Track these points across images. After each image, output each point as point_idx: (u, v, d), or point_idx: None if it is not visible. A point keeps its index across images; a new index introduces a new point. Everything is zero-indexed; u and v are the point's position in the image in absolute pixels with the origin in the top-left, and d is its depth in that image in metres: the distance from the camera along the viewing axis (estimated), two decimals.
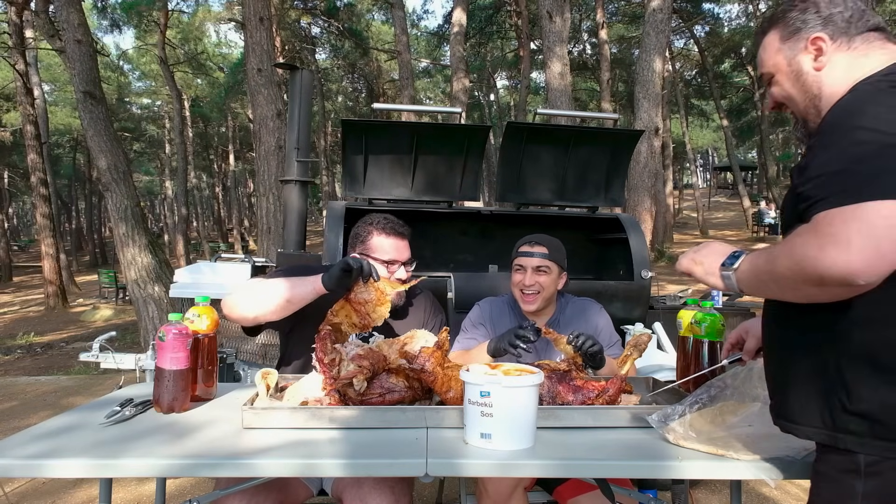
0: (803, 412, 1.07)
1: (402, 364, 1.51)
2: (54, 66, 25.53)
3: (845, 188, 0.90)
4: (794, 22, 1.14)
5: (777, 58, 1.17)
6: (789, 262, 0.97)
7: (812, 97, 1.12)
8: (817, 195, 0.94)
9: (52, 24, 11.16)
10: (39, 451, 1.25)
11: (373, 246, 1.93)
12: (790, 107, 1.18)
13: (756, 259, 1.08)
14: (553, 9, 9.72)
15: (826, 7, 1.12)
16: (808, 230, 0.94)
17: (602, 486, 1.49)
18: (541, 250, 2.04)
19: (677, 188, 31.95)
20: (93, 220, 35.10)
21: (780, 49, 1.16)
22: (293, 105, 4.11)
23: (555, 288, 2.08)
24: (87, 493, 3.16)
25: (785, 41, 1.15)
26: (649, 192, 10.60)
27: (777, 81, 1.18)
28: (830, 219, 0.91)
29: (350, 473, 1.43)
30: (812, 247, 0.92)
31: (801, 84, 1.14)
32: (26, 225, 48.32)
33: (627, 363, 1.64)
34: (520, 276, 2.06)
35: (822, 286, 0.94)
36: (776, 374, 1.16)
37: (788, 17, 1.15)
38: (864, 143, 0.92)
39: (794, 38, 1.14)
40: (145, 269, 7.17)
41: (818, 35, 1.11)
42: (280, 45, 18.93)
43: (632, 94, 13.32)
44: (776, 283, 1.02)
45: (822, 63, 1.11)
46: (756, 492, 3.04)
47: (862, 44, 1.09)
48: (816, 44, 1.11)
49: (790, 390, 1.10)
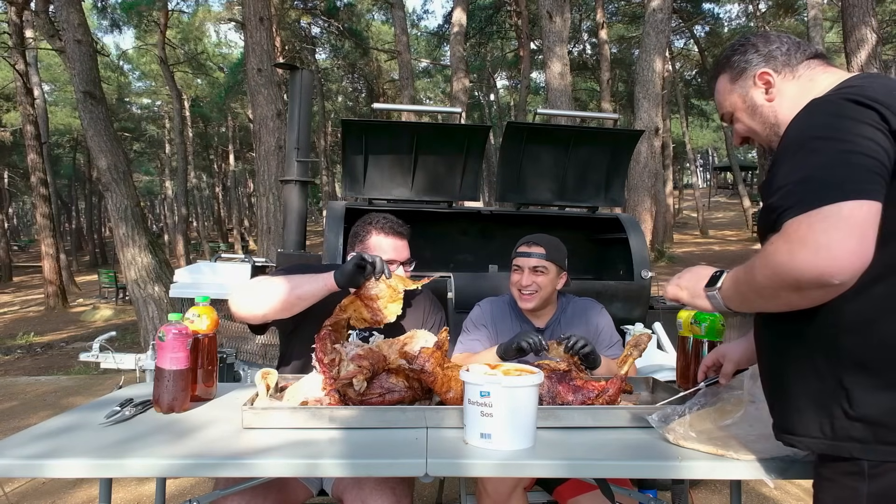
0: (802, 424, 1.07)
1: (402, 364, 1.51)
2: (54, 66, 25.54)
3: (807, 194, 0.95)
4: (738, 64, 1.24)
5: (732, 98, 1.26)
6: (766, 272, 0.99)
7: (771, 125, 1.21)
8: (783, 204, 0.98)
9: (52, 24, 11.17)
10: (39, 451, 1.25)
11: (371, 245, 1.93)
12: (755, 139, 1.27)
13: (736, 274, 1.11)
14: (553, 9, 9.72)
15: (764, 46, 1.22)
16: (778, 238, 0.97)
17: (602, 486, 1.49)
18: (538, 251, 2.05)
19: (677, 188, 31.95)
20: (93, 220, 35.10)
21: (732, 90, 1.26)
22: (293, 105, 4.12)
23: (553, 288, 2.07)
24: (87, 493, 3.16)
25: (734, 82, 1.25)
26: (649, 192, 10.61)
27: (738, 118, 1.27)
28: (797, 224, 0.94)
29: (350, 473, 1.43)
30: (783, 253, 0.95)
31: (758, 116, 1.23)
32: (26, 225, 48.32)
33: (627, 363, 1.64)
34: (517, 276, 2.07)
35: (799, 290, 0.96)
36: (772, 389, 1.17)
37: (732, 60, 1.25)
38: (820, 150, 0.97)
39: (741, 77, 1.24)
40: (145, 269, 7.17)
41: (763, 70, 1.20)
42: (280, 45, 18.94)
43: (632, 94, 13.32)
44: (758, 295, 1.05)
45: (773, 95, 1.20)
46: (756, 492, 3.04)
47: (806, 71, 1.19)
48: (764, 78, 1.20)
49: (787, 403, 1.11)
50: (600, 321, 2.14)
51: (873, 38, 8.23)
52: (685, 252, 18.14)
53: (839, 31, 13.32)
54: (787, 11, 21.82)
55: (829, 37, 20.20)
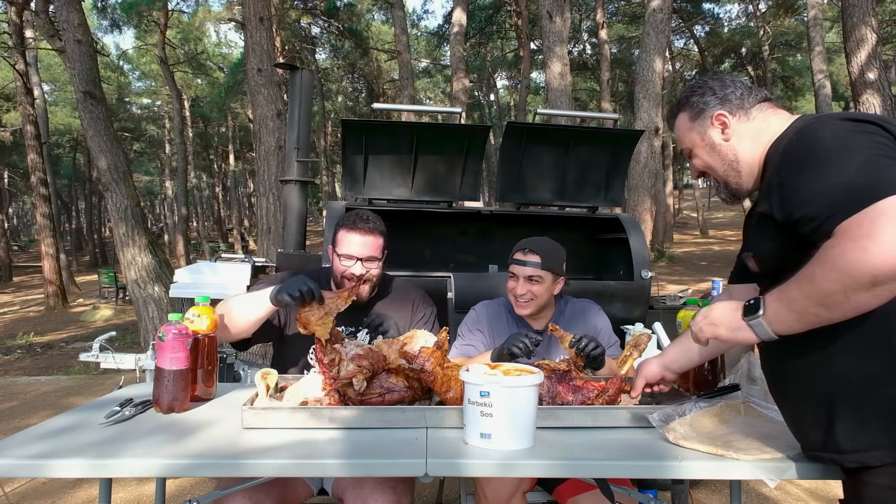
0: (857, 438, 1.07)
1: (402, 364, 1.51)
2: (54, 66, 25.53)
3: (853, 195, 0.97)
4: (696, 104, 1.32)
5: (691, 135, 1.34)
6: (834, 276, 0.98)
7: (730, 162, 1.29)
8: (826, 212, 1.00)
9: (52, 24, 11.16)
10: (39, 451, 1.25)
11: (338, 240, 1.97)
12: (711, 174, 1.34)
13: (784, 295, 1.08)
14: (553, 9, 9.72)
15: (720, 89, 1.30)
16: (838, 241, 0.97)
17: (602, 486, 1.49)
18: (534, 259, 2.01)
19: (677, 188, 31.93)
20: (93, 220, 35.09)
21: (691, 128, 1.34)
22: (293, 105, 4.11)
23: (549, 295, 2.06)
24: (87, 493, 3.16)
25: (693, 121, 1.33)
26: (649, 192, 10.61)
27: (696, 154, 1.34)
28: (858, 222, 0.95)
29: (350, 473, 1.43)
30: (853, 251, 0.94)
31: (717, 154, 1.30)
32: (26, 225, 48.33)
33: (627, 363, 1.64)
34: (513, 284, 2.05)
35: (874, 287, 0.95)
36: (810, 411, 1.15)
37: (691, 101, 1.33)
38: (846, 156, 1.01)
39: (699, 117, 1.32)
40: (145, 269, 7.16)
41: (720, 112, 1.28)
42: (280, 45, 18.93)
43: (632, 94, 13.32)
44: (821, 304, 1.02)
45: (729, 135, 1.28)
46: (756, 492, 3.04)
47: (759, 113, 1.27)
48: (720, 119, 1.28)
49: (835, 422, 1.10)
50: (598, 322, 2.14)
51: (873, 38, 8.22)
52: (685, 252, 18.13)
53: (839, 30, 13.32)
54: (787, 11, 21.81)
55: (829, 37, 20.18)
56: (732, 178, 1.29)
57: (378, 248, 1.97)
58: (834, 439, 1.10)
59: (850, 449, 1.08)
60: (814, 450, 1.16)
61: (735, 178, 1.29)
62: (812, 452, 1.17)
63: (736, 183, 1.29)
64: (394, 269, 2.88)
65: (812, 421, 1.15)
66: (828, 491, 3.02)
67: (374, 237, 1.95)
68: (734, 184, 1.30)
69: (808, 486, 3.06)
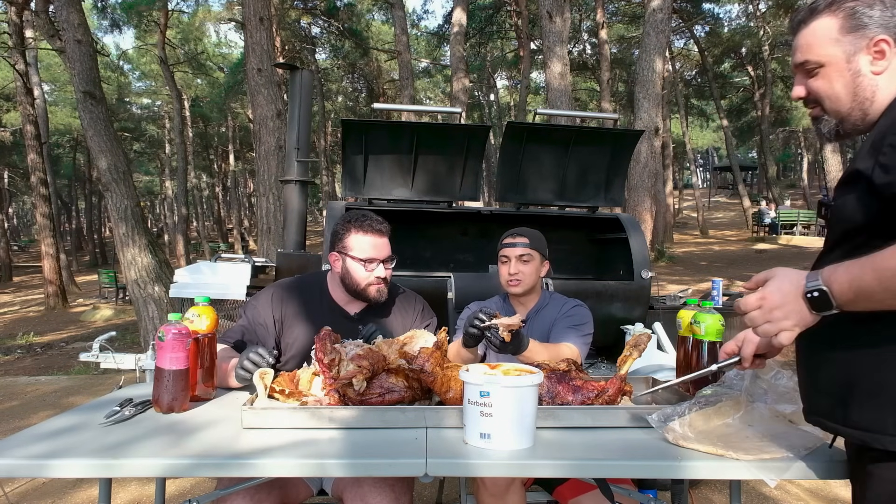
0: (868, 417, 0.99)
1: (402, 364, 1.51)
2: (54, 66, 25.54)
3: None
4: (860, 16, 1.03)
5: (833, 49, 1.06)
6: None
7: (863, 100, 1.05)
8: None
9: (52, 24, 11.15)
10: (40, 451, 1.25)
11: (350, 244, 1.93)
12: (825, 104, 1.09)
13: (862, 289, 0.92)
14: (553, 9, 9.72)
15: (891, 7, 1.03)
16: None
17: (602, 486, 1.49)
18: (522, 240, 2.16)
19: (677, 188, 31.93)
20: (93, 220, 35.10)
21: (838, 40, 1.05)
22: (293, 105, 4.11)
23: (538, 275, 2.18)
24: (87, 494, 3.16)
25: (846, 33, 1.04)
26: (649, 192, 10.61)
27: (825, 75, 1.07)
28: None
29: (350, 473, 1.43)
30: None
31: (854, 85, 1.05)
32: (26, 225, 48.30)
33: (627, 363, 1.64)
34: (504, 267, 2.17)
35: None
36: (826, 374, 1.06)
37: (855, 8, 1.04)
38: None
39: (857, 33, 1.03)
40: (145, 269, 7.17)
41: (883, 37, 1.02)
42: (280, 45, 18.94)
43: (632, 94, 13.32)
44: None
45: (881, 67, 1.03)
46: (756, 492, 3.04)
47: None
48: (879, 46, 1.03)
49: (852, 393, 1.01)
50: (572, 310, 2.15)
51: None
52: (685, 252, 18.12)
53: None
54: (787, 11, 21.81)
55: None
56: (856, 117, 1.06)
57: (390, 246, 2.00)
58: (844, 411, 1.02)
59: (858, 425, 1.00)
60: (817, 415, 1.09)
61: (860, 118, 1.05)
62: (815, 417, 1.10)
63: (854, 123, 1.06)
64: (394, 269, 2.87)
65: (827, 386, 1.06)
66: (828, 491, 3.02)
67: (385, 238, 1.98)
68: (852, 123, 1.07)
69: (808, 486, 3.06)
